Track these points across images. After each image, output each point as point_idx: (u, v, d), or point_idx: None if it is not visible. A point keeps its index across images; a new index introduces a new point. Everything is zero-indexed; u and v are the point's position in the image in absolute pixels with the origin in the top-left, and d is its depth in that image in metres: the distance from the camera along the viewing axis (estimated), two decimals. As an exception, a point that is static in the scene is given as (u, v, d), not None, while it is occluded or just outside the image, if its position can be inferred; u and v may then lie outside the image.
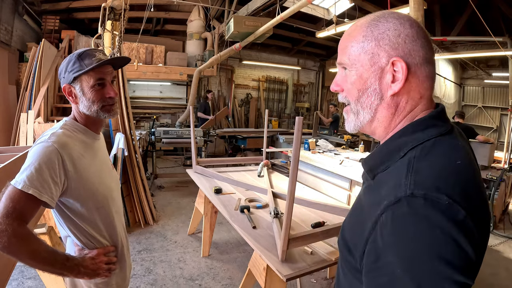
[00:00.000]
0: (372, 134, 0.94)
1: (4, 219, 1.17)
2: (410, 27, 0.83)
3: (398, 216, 0.71)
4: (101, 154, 1.57)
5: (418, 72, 0.83)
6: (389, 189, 0.76)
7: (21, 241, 1.20)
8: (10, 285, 3.21)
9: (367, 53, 0.85)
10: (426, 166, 0.75)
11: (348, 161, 5.09)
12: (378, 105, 0.87)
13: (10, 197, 1.21)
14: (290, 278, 1.90)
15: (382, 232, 0.72)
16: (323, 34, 6.96)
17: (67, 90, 1.43)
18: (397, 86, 0.83)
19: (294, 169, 1.77)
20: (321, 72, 14.77)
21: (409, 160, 0.78)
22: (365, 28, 0.87)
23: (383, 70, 0.84)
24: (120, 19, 4.59)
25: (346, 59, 0.89)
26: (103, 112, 1.46)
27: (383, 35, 0.83)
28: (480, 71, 9.75)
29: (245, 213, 2.77)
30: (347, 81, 0.91)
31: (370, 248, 0.76)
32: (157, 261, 3.89)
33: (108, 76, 1.46)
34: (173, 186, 7.12)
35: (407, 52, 0.82)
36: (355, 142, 7.98)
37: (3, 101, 6.61)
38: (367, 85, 0.86)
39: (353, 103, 0.91)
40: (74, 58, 1.41)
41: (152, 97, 10.81)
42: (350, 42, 0.89)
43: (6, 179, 1.84)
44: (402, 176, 0.75)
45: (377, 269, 0.73)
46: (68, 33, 8.25)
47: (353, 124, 0.93)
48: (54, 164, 1.28)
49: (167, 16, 9.89)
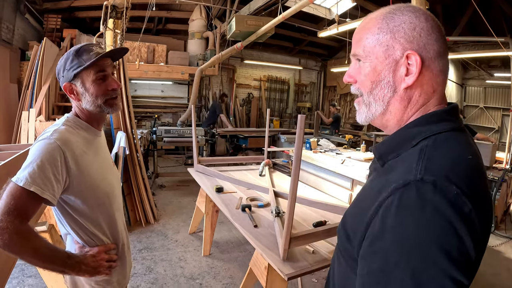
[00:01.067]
0: (383, 127, 0.94)
1: (5, 217, 1.16)
2: (426, 20, 0.83)
3: (404, 199, 0.71)
4: (102, 151, 1.56)
5: (432, 66, 0.83)
6: (398, 174, 0.77)
7: (22, 239, 1.19)
8: (11, 283, 3.20)
9: (382, 45, 0.85)
10: (438, 156, 0.75)
11: (349, 160, 5.09)
12: (391, 97, 0.87)
13: (11, 194, 1.20)
14: (291, 277, 1.89)
15: (384, 214, 0.72)
16: (324, 33, 6.95)
17: (68, 89, 1.42)
18: (410, 80, 0.83)
19: (296, 167, 1.76)
20: (323, 72, 14.76)
21: (421, 148, 0.78)
22: (381, 20, 0.87)
23: (397, 63, 0.84)
24: (122, 18, 4.59)
25: (361, 51, 0.89)
26: (106, 107, 1.45)
27: (398, 27, 0.83)
28: (481, 72, 9.73)
29: (247, 212, 2.77)
30: (360, 72, 0.90)
31: (369, 232, 0.76)
32: (158, 260, 3.88)
33: (108, 69, 1.44)
34: (174, 185, 7.12)
35: (422, 45, 0.82)
36: (356, 142, 7.98)
37: (5, 99, 6.61)
38: (381, 78, 0.86)
39: (366, 95, 0.91)
40: (72, 55, 1.39)
41: (154, 96, 10.82)
42: (365, 34, 0.89)
43: (7, 176, 1.84)
44: (414, 161, 0.75)
45: (372, 253, 0.73)
46: (70, 32, 8.26)
47: (364, 116, 0.93)
48: (56, 162, 1.27)
49: (168, 15, 9.89)
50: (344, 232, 0.91)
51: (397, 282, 0.67)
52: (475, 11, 5.27)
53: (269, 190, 3.28)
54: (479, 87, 10.18)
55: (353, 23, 6.12)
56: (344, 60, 11.37)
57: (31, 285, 3.22)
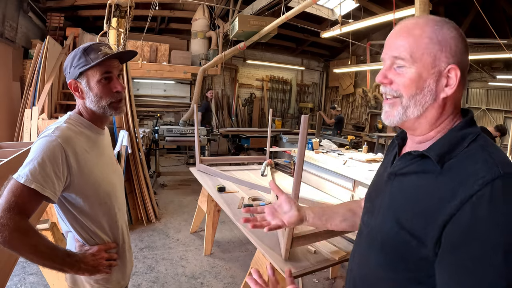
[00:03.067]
0: (412, 129, 1.00)
1: (5, 213, 1.16)
2: (463, 40, 0.92)
3: (497, 192, 0.77)
4: (105, 149, 1.56)
5: (462, 80, 0.92)
6: (473, 171, 0.82)
7: (22, 236, 1.19)
8: (12, 281, 3.21)
9: (431, 55, 0.90)
10: (497, 151, 0.86)
11: (351, 161, 5.08)
12: (430, 104, 0.93)
13: (12, 191, 1.19)
14: (293, 277, 1.88)
15: (477, 208, 0.77)
16: (327, 34, 6.94)
17: (73, 86, 1.41)
18: (450, 91, 0.91)
19: (299, 166, 1.76)
20: (325, 73, 14.75)
21: (481, 146, 0.87)
22: (430, 31, 0.92)
23: (441, 74, 0.91)
24: (126, 16, 4.59)
25: (408, 56, 0.93)
26: (110, 109, 1.44)
27: (446, 42, 0.90)
28: (484, 73, 9.69)
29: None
30: (403, 76, 0.95)
31: (453, 228, 0.80)
32: (159, 258, 3.88)
33: (114, 70, 1.43)
34: (175, 185, 7.13)
35: (460, 61, 0.90)
36: (358, 143, 7.98)
37: (7, 97, 6.63)
38: (426, 85, 0.92)
39: (406, 98, 0.95)
40: (80, 52, 1.38)
41: (156, 96, 10.82)
42: (412, 39, 0.93)
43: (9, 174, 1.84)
44: (486, 158, 0.84)
45: (465, 245, 0.78)
46: (73, 30, 8.26)
47: (398, 118, 0.98)
48: (58, 159, 1.27)
49: (171, 14, 9.90)
50: (397, 234, 0.94)
51: (496, 266, 0.73)
52: (478, 13, 5.27)
53: (271, 190, 3.28)
54: (481, 89, 10.13)
55: (356, 24, 6.11)
56: (347, 60, 11.38)
57: (32, 282, 3.23)
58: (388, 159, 1.13)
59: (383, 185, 1.06)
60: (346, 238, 2.39)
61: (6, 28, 6.62)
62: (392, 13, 4.84)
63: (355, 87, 13.31)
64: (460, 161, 0.87)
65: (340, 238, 2.38)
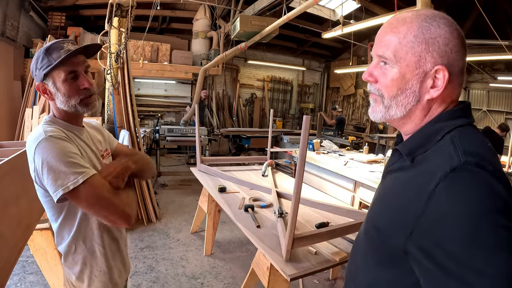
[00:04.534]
0: (398, 127, 1.00)
1: (107, 213, 1.29)
2: (458, 37, 0.87)
3: (456, 182, 0.76)
4: (89, 144, 1.50)
5: (455, 80, 0.88)
6: (438, 163, 0.81)
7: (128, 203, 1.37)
8: (12, 280, 3.21)
9: (415, 54, 0.87)
10: (467, 143, 0.82)
11: (352, 162, 5.08)
12: (413, 106, 0.91)
13: (87, 198, 1.24)
14: (293, 278, 1.88)
15: (439, 201, 0.76)
16: (329, 35, 6.93)
17: (41, 88, 1.37)
18: (436, 93, 0.88)
19: (300, 167, 1.76)
20: (326, 73, 14.76)
21: (451, 138, 0.84)
22: (416, 28, 0.88)
23: (426, 75, 0.87)
24: (127, 16, 4.59)
25: (391, 54, 0.90)
26: (82, 107, 1.40)
27: (434, 40, 0.86)
28: (485, 75, 9.67)
29: (249, 212, 2.76)
30: (386, 75, 0.92)
31: (423, 221, 0.78)
32: (159, 258, 3.88)
33: (79, 67, 1.38)
34: (176, 184, 7.13)
35: (451, 61, 0.86)
36: (359, 144, 7.96)
37: (8, 96, 6.63)
38: (408, 86, 0.90)
39: (388, 99, 0.94)
40: (42, 53, 1.34)
41: (157, 95, 10.83)
42: (397, 37, 0.90)
43: (11, 172, 1.84)
44: (450, 150, 0.81)
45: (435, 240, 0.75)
46: (74, 30, 8.27)
47: (380, 115, 0.97)
48: (69, 148, 1.28)
49: (173, 14, 9.89)
50: (378, 232, 0.94)
51: (468, 252, 0.71)
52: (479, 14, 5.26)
53: (272, 191, 3.27)
54: (482, 90, 10.12)
55: (357, 24, 6.10)
56: (348, 61, 11.36)
57: (32, 282, 3.23)
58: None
59: (380, 184, 1.09)
60: (347, 239, 2.39)
61: (7, 27, 6.63)
62: (394, 14, 4.83)
63: (356, 88, 13.31)
64: (429, 156, 0.87)
65: (341, 239, 2.38)
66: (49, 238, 2.59)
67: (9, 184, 1.84)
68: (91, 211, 1.31)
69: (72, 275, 1.47)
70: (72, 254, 1.45)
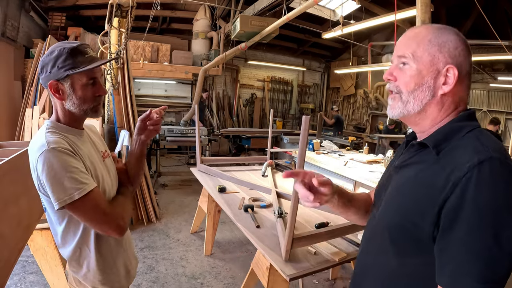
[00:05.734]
0: (414, 124, 1.11)
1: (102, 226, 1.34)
2: (463, 43, 1.01)
3: (482, 174, 0.85)
4: (88, 148, 1.50)
5: (464, 81, 1.02)
6: (464, 156, 0.90)
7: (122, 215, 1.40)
8: (12, 280, 3.22)
9: (430, 54, 1.01)
10: (490, 141, 0.93)
11: (352, 162, 5.08)
12: (428, 100, 1.03)
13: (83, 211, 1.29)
14: (293, 278, 1.88)
15: (465, 189, 0.85)
16: (329, 35, 6.94)
17: (53, 87, 1.35)
18: (447, 88, 1.00)
19: (300, 167, 1.75)
20: (326, 73, 14.76)
21: (475, 136, 0.96)
22: (431, 34, 1.03)
23: (439, 72, 1.01)
24: (127, 16, 4.59)
25: (410, 54, 1.04)
26: (91, 112, 1.43)
27: (444, 44, 1.01)
28: (485, 75, 9.67)
29: (249, 212, 2.77)
30: (405, 73, 1.06)
31: (448, 208, 0.88)
32: (159, 258, 3.88)
33: (98, 74, 1.43)
34: (176, 185, 7.13)
35: (459, 63, 1.00)
36: (359, 144, 7.96)
37: (8, 96, 6.63)
38: (424, 81, 1.02)
39: (406, 93, 1.06)
40: (66, 53, 1.32)
41: (157, 96, 10.82)
42: (416, 41, 1.04)
43: (11, 172, 1.84)
44: (476, 145, 0.91)
45: (455, 224, 0.86)
46: (74, 30, 8.27)
47: (399, 111, 1.08)
48: (70, 162, 1.27)
49: (173, 14, 9.89)
50: (402, 222, 1.02)
51: (482, 242, 0.82)
52: (480, 15, 5.26)
53: (272, 191, 3.28)
54: (482, 90, 10.12)
55: (357, 25, 6.11)
56: (348, 61, 11.37)
57: (32, 281, 3.23)
58: (397, 156, 1.22)
59: (389, 179, 1.17)
60: (347, 239, 2.39)
61: (7, 27, 6.62)
62: (394, 14, 4.84)
63: (356, 88, 13.32)
64: (454, 149, 0.96)
65: (341, 239, 2.39)
66: (49, 238, 2.59)
67: (9, 184, 1.85)
68: (87, 223, 1.36)
69: (78, 276, 1.49)
70: (76, 258, 1.46)
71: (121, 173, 1.67)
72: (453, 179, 0.88)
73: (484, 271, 0.82)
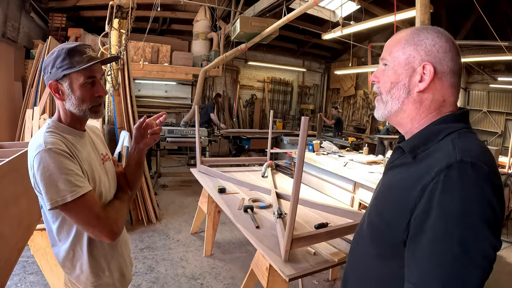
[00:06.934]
0: (398, 125, 1.11)
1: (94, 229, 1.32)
2: (446, 41, 1.00)
3: (448, 179, 0.83)
4: (88, 150, 1.50)
5: (444, 78, 1.00)
6: (437, 160, 0.89)
7: (115, 220, 1.38)
8: (12, 280, 3.22)
9: (405, 54, 1.03)
10: (466, 145, 0.90)
11: (352, 163, 5.08)
12: (405, 98, 1.04)
13: (76, 213, 1.28)
14: (292, 278, 1.89)
15: (430, 195, 0.85)
16: (329, 36, 6.94)
17: (53, 87, 1.37)
18: (422, 85, 1.00)
19: (299, 168, 1.76)
20: (326, 74, 14.77)
21: (451, 139, 0.93)
22: (410, 35, 1.05)
23: (414, 70, 1.01)
24: (127, 17, 4.60)
25: (388, 56, 1.07)
26: (90, 113, 1.42)
27: (421, 42, 1.01)
28: (485, 76, 9.69)
29: (249, 213, 2.77)
30: (385, 74, 1.08)
31: (417, 214, 0.87)
32: (159, 259, 3.89)
33: (98, 74, 1.42)
34: (176, 185, 7.14)
35: (438, 60, 0.99)
36: (359, 145, 7.96)
37: (9, 97, 6.64)
38: (399, 80, 1.04)
39: (384, 94, 1.08)
40: (64, 53, 1.34)
41: (157, 96, 10.83)
42: (394, 43, 1.07)
43: (11, 173, 1.85)
44: (449, 149, 0.90)
45: (422, 230, 0.85)
46: (75, 31, 8.29)
47: (381, 112, 1.11)
48: (65, 164, 1.26)
49: (173, 15, 9.91)
50: (380, 223, 1.04)
51: (447, 250, 0.80)
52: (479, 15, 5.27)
53: (271, 192, 3.28)
54: (482, 91, 10.14)
55: (357, 25, 6.11)
56: (348, 62, 11.37)
57: (32, 282, 3.24)
58: (390, 157, 1.22)
59: (380, 180, 1.19)
60: (346, 239, 2.39)
61: (8, 28, 6.63)
62: (393, 15, 4.84)
63: (356, 89, 13.33)
64: (429, 154, 0.95)
65: (340, 240, 2.39)
66: (49, 238, 2.59)
67: (9, 185, 1.85)
68: (80, 226, 1.35)
69: (71, 277, 1.49)
70: (70, 259, 1.46)
71: (120, 177, 1.66)
72: (423, 183, 0.87)
73: (450, 283, 0.78)
